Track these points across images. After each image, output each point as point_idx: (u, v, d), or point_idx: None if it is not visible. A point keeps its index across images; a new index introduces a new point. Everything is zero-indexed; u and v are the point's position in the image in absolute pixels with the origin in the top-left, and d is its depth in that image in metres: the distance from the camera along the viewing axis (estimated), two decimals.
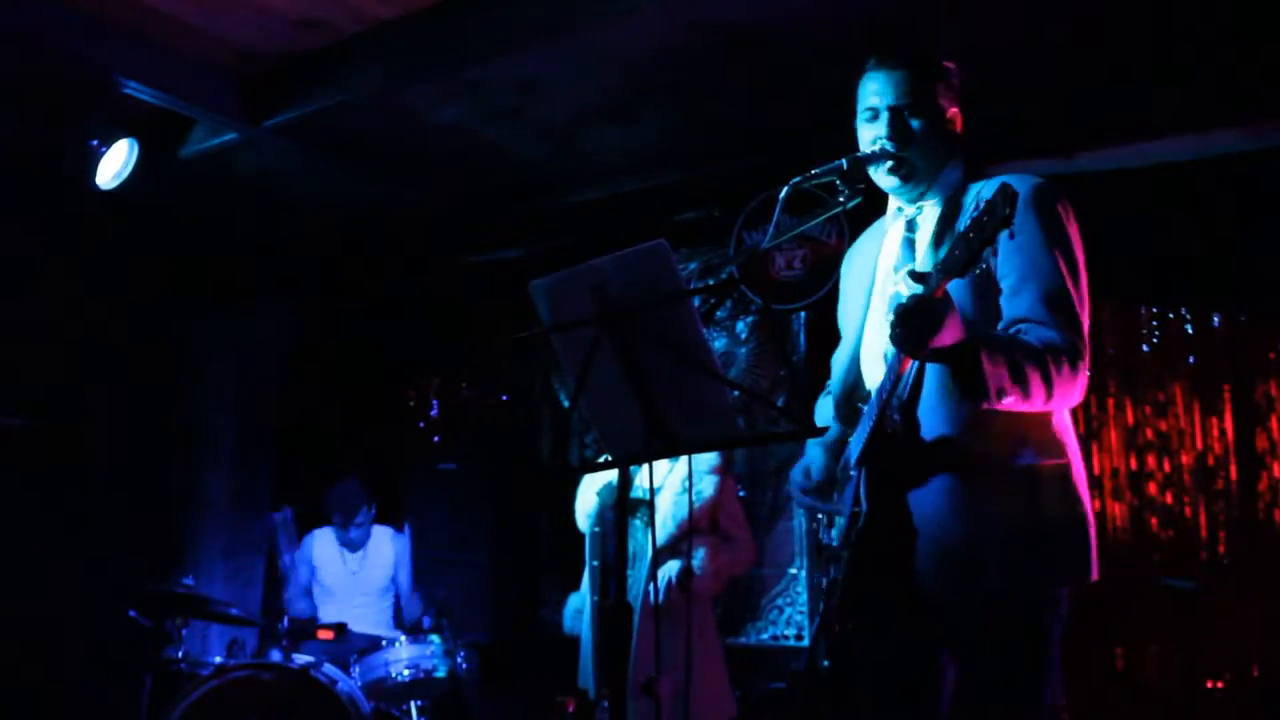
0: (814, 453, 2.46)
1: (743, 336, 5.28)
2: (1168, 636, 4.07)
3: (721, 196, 5.22)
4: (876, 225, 2.55)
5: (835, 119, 2.49)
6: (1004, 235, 1.98)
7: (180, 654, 4.29)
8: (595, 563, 3.84)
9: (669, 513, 3.72)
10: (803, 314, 5.12)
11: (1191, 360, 4.33)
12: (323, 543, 5.29)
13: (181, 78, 4.43)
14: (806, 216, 2.44)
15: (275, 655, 4.21)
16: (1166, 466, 4.32)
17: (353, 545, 5.24)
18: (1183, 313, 4.37)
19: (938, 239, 2.27)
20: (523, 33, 3.96)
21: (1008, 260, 2.16)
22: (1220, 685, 3.97)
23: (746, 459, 5.09)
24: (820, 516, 2.45)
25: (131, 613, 4.42)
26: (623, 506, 2.34)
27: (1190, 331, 4.36)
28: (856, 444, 2.27)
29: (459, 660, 4.50)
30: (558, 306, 2.22)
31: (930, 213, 2.33)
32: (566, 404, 5.84)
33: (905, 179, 2.33)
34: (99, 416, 5.77)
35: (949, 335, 1.97)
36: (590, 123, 4.79)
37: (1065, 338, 2.09)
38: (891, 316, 2.00)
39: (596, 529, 3.83)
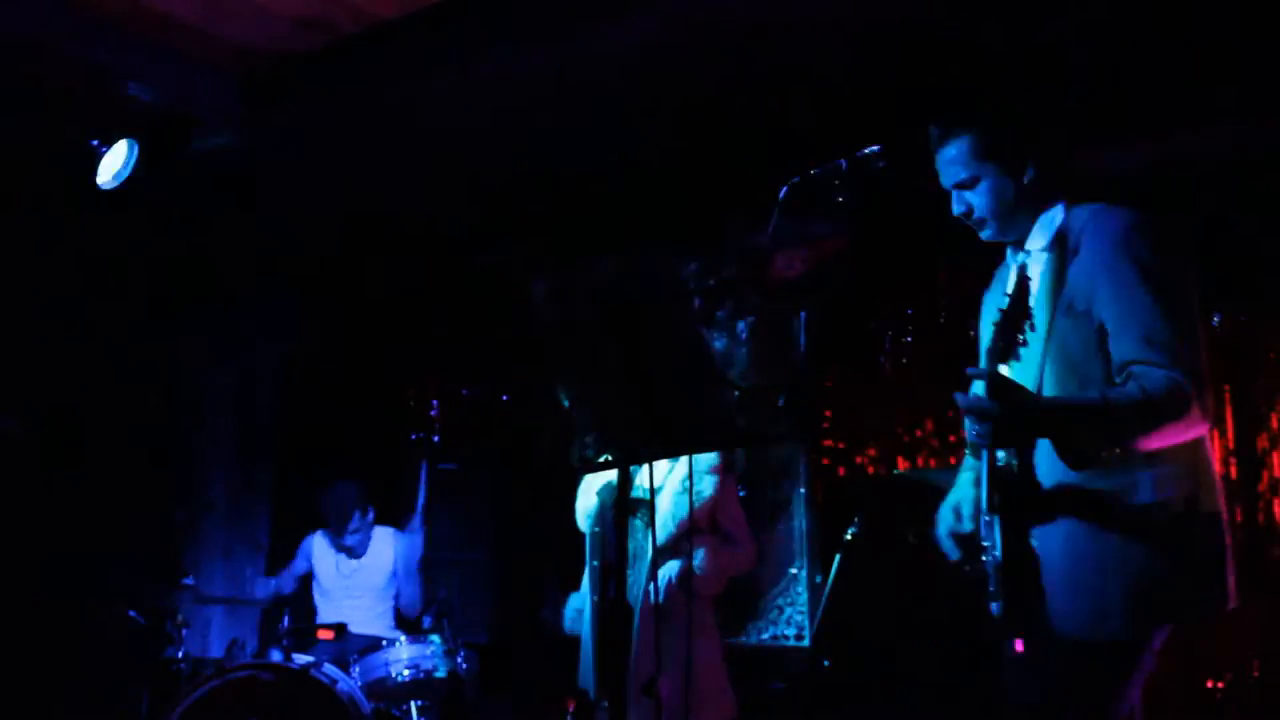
0: (965, 486, 2.45)
1: (743, 336, 5.28)
2: (1168, 636, 4.07)
3: (721, 196, 5.22)
4: (1006, 262, 2.56)
5: (835, 119, 2.49)
6: (1097, 279, 2.11)
7: (180, 654, 4.30)
8: (595, 563, 3.84)
9: (669, 513, 3.72)
10: (803, 314, 5.12)
11: None
12: (320, 546, 5.28)
13: (181, 78, 4.43)
14: (806, 216, 2.44)
15: (275, 655, 4.21)
16: None
17: (350, 553, 5.20)
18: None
19: (1044, 287, 2.27)
20: (523, 32, 3.96)
21: (1106, 306, 2.16)
22: (1220, 685, 3.96)
23: (746, 459, 5.09)
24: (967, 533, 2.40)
25: (131, 613, 4.43)
26: (623, 506, 2.34)
27: None
28: (983, 490, 2.25)
29: (459, 660, 4.50)
30: (559, 306, 2.22)
31: (1036, 258, 2.33)
32: (566, 404, 5.84)
33: (993, 236, 2.38)
34: (99, 416, 5.77)
35: (1028, 426, 2.07)
36: (590, 122, 4.79)
37: (1171, 378, 2.07)
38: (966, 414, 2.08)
39: (596, 529, 3.82)
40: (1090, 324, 2.17)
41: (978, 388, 2.10)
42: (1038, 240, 2.33)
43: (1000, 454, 2.21)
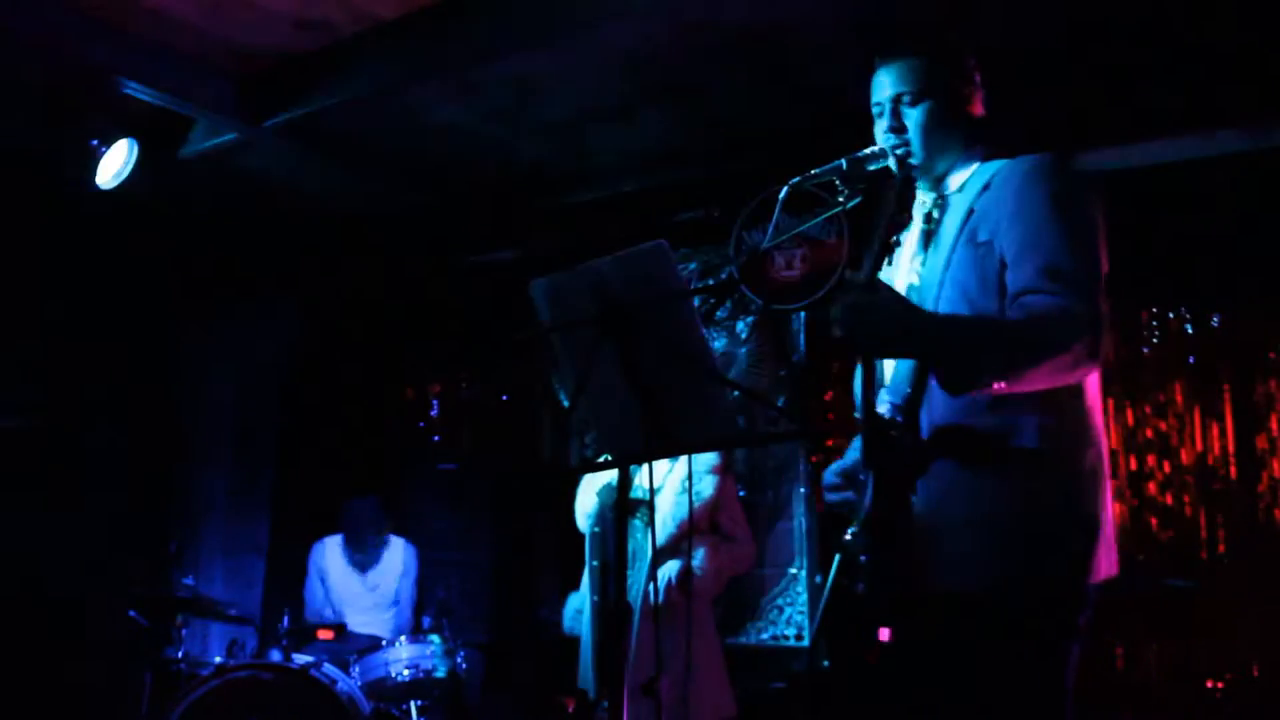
0: (851, 454, 2.34)
1: (743, 336, 5.27)
2: (1168, 636, 4.07)
3: (721, 196, 5.22)
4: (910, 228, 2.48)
5: (835, 119, 2.49)
6: (1004, 208, 2.01)
7: (180, 654, 4.30)
8: (595, 563, 3.84)
9: (669, 513, 3.72)
10: (803, 314, 5.12)
11: (1191, 360, 4.33)
12: (332, 552, 5.27)
13: (181, 78, 4.43)
14: (806, 216, 2.44)
15: (275, 655, 4.21)
16: (1166, 467, 4.31)
17: (361, 565, 5.22)
18: (1183, 313, 4.37)
19: (945, 226, 2.20)
20: (523, 33, 3.96)
21: (1009, 233, 2.06)
22: (1220, 685, 3.96)
23: (746, 459, 5.09)
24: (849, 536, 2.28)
25: (131, 613, 4.43)
26: (623, 506, 2.34)
27: (1190, 331, 4.35)
28: (859, 444, 2.15)
29: (459, 660, 4.50)
30: (558, 306, 2.22)
31: (947, 204, 2.25)
32: (566, 404, 5.84)
33: (912, 169, 2.25)
34: (99, 416, 5.77)
35: (898, 328, 1.92)
36: (590, 123, 4.79)
37: (1066, 307, 1.94)
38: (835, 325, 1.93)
39: (596, 529, 3.82)
40: (991, 255, 2.08)
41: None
42: (951, 186, 2.26)
43: (884, 403, 2.11)
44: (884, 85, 2.28)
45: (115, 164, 4.67)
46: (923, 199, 2.35)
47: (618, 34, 3.96)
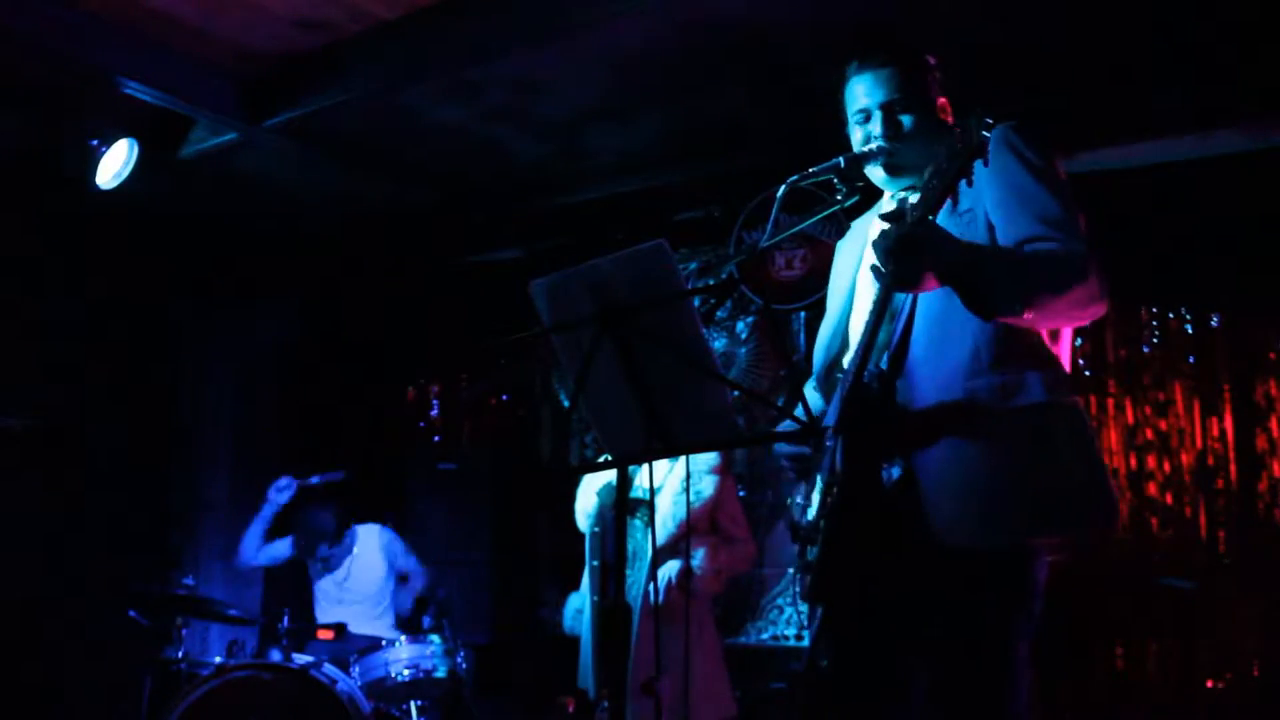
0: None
1: (743, 336, 5.28)
2: (1168, 636, 4.07)
3: (721, 196, 5.22)
4: (868, 215, 2.53)
5: (835, 119, 2.49)
6: (988, 179, 2.07)
7: (180, 654, 4.29)
8: (595, 563, 3.84)
9: (669, 513, 3.72)
10: (803, 314, 5.12)
11: (1191, 360, 4.33)
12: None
13: (181, 78, 4.43)
14: (805, 215, 2.44)
15: (275, 655, 4.21)
16: (1166, 467, 4.31)
17: (327, 566, 5.14)
18: (1183, 313, 4.37)
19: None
20: (523, 33, 3.96)
21: (993, 197, 2.14)
22: (1220, 685, 3.96)
23: (746, 459, 5.09)
24: (798, 499, 2.30)
25: (131, 613, 4.43)
26: (622, 506, 2.34)
27: (1190, 331, 4.35)
28: (833, 410, 2.20)
29: (459, 660, 4.50)
30: (558, 306, 2.22)
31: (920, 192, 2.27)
32: (566, 404, 5.84)
33: (898, 173, 2.33)
34: (99, 416, 5.77)
35: (945, 258, 1.97)
36: (590, 123, 4.79)
37: (1071, 247, 2.04)
38: (876, 257, 1.99)
39: (596, 529, 3.82)
40: (975, 221, 2.15)
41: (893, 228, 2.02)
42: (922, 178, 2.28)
43: (869, 368, 2.15)
44: (871, 92, 2.33)
45: (115, 164, 4.67)
46: (892, 198, 2.41)
47: (617, 34, 3.96)
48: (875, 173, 2.35)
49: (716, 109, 4.62)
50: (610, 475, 3.81)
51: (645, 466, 2.27)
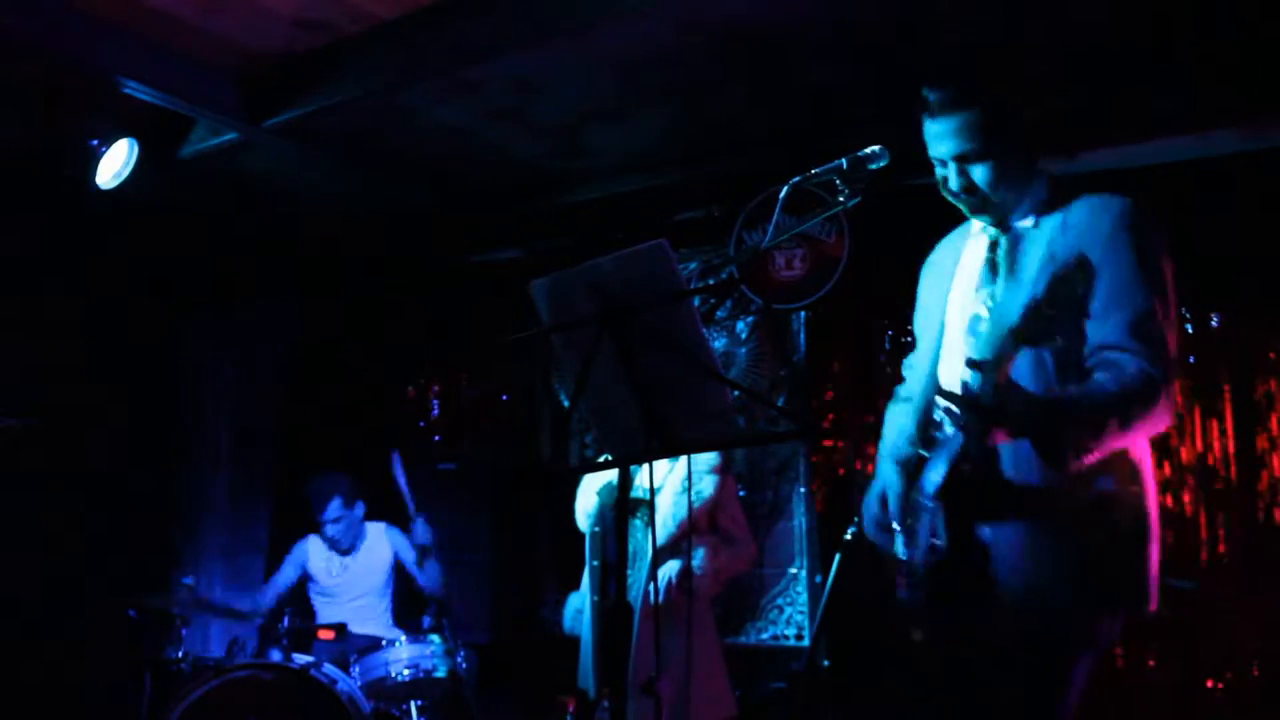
0: (889, 475, 2.42)
1: (743, 336, 5.27)
2: (1168, 636, 4.07)
3: (721, 196, 5.22)
4: (957, 234, 2.54)
5: (835, 119, 2.49)
6: (1094, 252, 2.08)
7: (180, 654, 4.29)
8: (595, 563, 3.84)
9: (669, 513, 3.72)
10: (803, 314, 5.12)
11: (1191, 360, 4.33)
12: (315, 547, 5.27)
13: (181, 78, 4.43)
14: (806, 216, 2.44)
15: (275, 655, 4.21)
16: (1167, 467, 4.31)
17: (340, 548, 5.17)
18: (1183, 313, 4.37)
19: (1021, 265, 2.27)
20: (522, 33, 3.96)
21: (1095, 283, 2.13)
22: (1220, 685, 3.96)
23: (746, 459, 5.09)
24: (895, 528, 2.41)
25: (131, 613, 4.43)
26: (623, 506, 2.34)
27: (1190, 331, 4.35)
28: (934, 476, 2.24)
29: (459, 660, 4.50)
30: (558, 306, 2.22)
31: (1015, 234, 2.32)
32: (566, 404, 5.84)
33: (978, 214, 2.36)
34: (99, 416, 5.77)
35: (1018, 422, 2.05)
36: (590, 123, 4.79)
37: (1147, 370, 2.10)
38: (953, 405, 2.07)
39: (596, 529, 3.82)
40: (1074, 301, 2.12)
41: (971, 378, 2.05)
42: (1017, 218, 2.33)
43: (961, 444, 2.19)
44: (945, 141, 2.30)
45: (115, 164, 4.67)
46: (984, 229, 2.41)
47: (618, 34, 3.95)
48: (967, 208, 2.38)
49: (716, 109, 4.62)
50: (610, 475, 3.81)
51: (645, 466, 2.26)
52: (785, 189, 2.34)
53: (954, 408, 2.07)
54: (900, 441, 2.46)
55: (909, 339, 4.96)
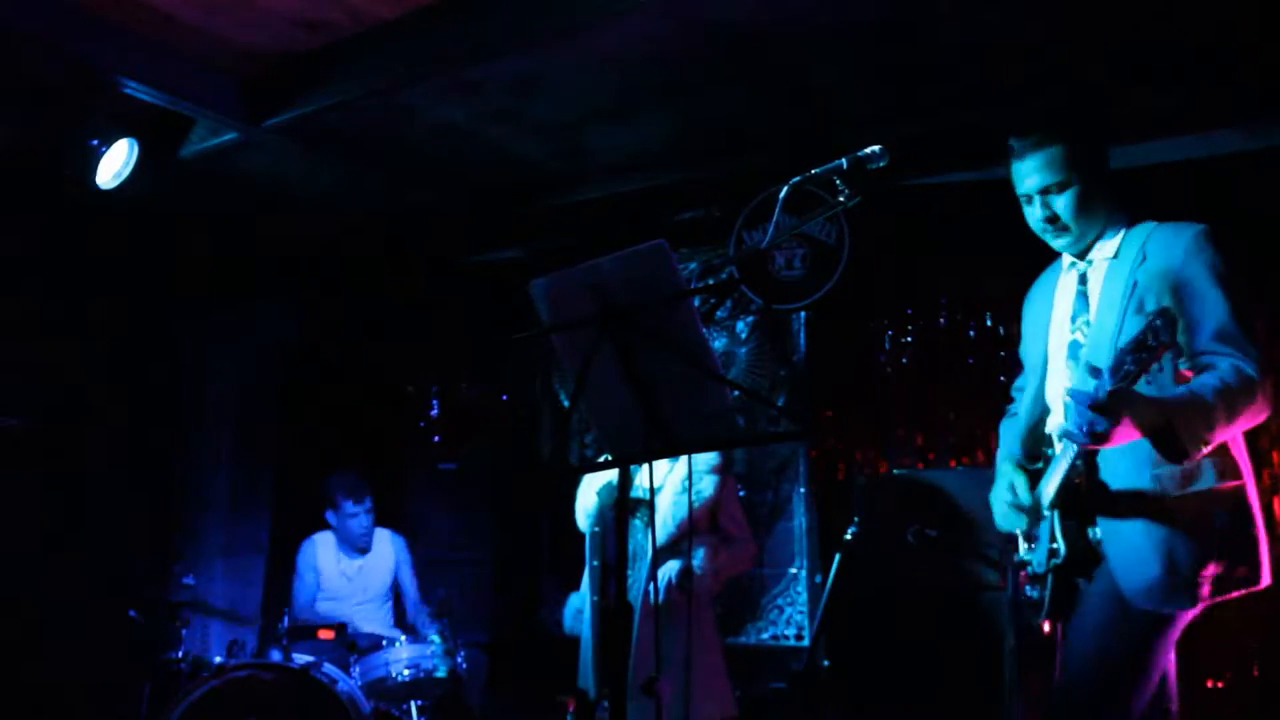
0: (1012, 474, 2.70)
1: (743, 336, 5.27)
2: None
3: (721, 196, 5.22)
4: (1050, 271, 2.83)
5: (835, 119, 2.50)
6: (1171, 278, 2.44)
7: (180, 654, 4.29)
8: (595, 563, 3.84)
9: (669, 513, 3.72)
10: (803, 314, 5.12)
11: None
12: (324, 548, 5.28)
13: (181, 78, 4.43)
14: (806, 216, 2.44)
15: (275, 655, 4.21)
16: None
17: (359, 546, 5.21)
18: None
19: (1109, 294, 2.54)
20: (523, 33, 3.96)
21: (1179, 304, 2.43)
22: (1220, 685, 3.96)
23: (746, 459, 5.09)
24: (1018, 533, 2.73)
25: (131, 613, 4.43)
26: (623, 506, 2.34)
27: None
28: (1048, 487, 2.56)
29: (459, 660, 4.51)
30: (558, 306, 2.22)
31: (1100, 266, 2.61)
32: (566, 404, 5.84)
33: (1066, 245, 2.63)
34: (99, 416, 5.76)
35: (1134, 426, 2.26)
36: (590, 123, 4.79)
37: (1242, 367, 2.37)
38: (1072, 408, 2.29)
39: (596, 529, 3.82)
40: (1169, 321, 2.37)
41: (1087, 383, 2.27)
42: (1099, 252, 2.61)
43: (1072, 458, 2.46)
44: (1029, 176, 2.58)
45: (115, 164, 4.67)
46: (1071, 261, 2.69)
47: (617, 34, 3.95)
48: (1054, 242, 2.65)
49: (717, 109, 4.62)
50: (610, 475, 3.82)
51: (645, 466, 2.27)
52: (785, 189, 2.35)
53: (1077, 406, 2.26)
54: (1015, 451, 2.81)
55: (908, 339, 4.99)
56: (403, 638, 4.54)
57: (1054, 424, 2.68)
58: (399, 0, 4.03)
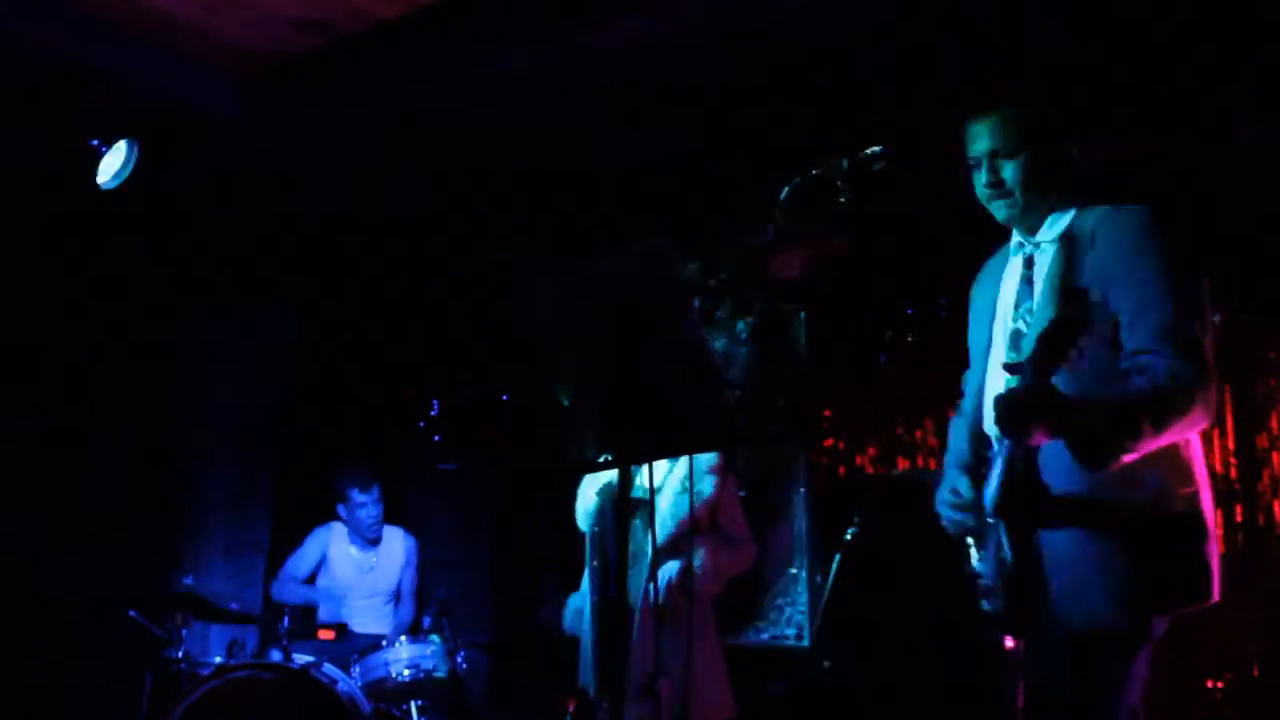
0: (955, 476, 2.50)
1: (743, 336, 5.27)
2: (1168, 636, 4.07)
3: (722, 196, 5.21)
4: (999, 255, 2.61)
5: (835, 119, 2.50)
6: (1115, 269, 2.20)
7: (180, 654, 4.29)
8: (595, 563, 3.84)
9: (669, 513, 3.72)
10: (803, 314, 5.12)
11: None
12: (338, 536, 5.28)
13: (181, 78, 4.43)
14: (807, 216, 2.44)
15: (275, 655, 4.21)
16: None
17: (369, 537, 5.20)
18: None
19: (1053, 280, 2.33)
20: (524, 32, 3.96)
21: (1123, 295, 2.21)
22: (1220, 685, 3.96)
23: (746, 459, 5.09)
24: (970, 542, 2.49)
25: (131, 613, 4.43)
26: (623, 506, 2.34)
27: None
28: (990, 490, 2.30)
29: (459, 660, 4.50)
30: (558, 306, 2.22)
31: (1047, 250, 2.39)
32: (566, 404, 5.83)
33: (1012, 222, 2.42)
34: (99, 416, 5.76)
35: (1053, 426, 2.09)
36: (592, 123, 4.78)
37: (1181, 371, 2.13)
38: (995, 406, 2.13)
39: (596, 529, 3.82)
40: (1105, 313, 2.20)
41: (1010, 381, 2.15)
42: (1049, 233, 2.39)
43: (1009, 458, 2.25)
44: (979, 140, 2.39)
45: (115, 164, 4.67)
46: (1019, 242, 2.47)
47: (619, 34, 3.95)
48: (998, 212, 2.43)
49: (718, 110, 4.62)
50: (610, 475, 3.81)
51: (645, 466, 2.27)
52: (787, 189, 2.35)
53: (1002, 397, 2.12)
54: (962, 451, 2.59)
55: (908, 339, 4.99)
56: (403, 638, 4.54)
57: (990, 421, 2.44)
58: (399, 0, 4.03)
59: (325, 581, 5.26)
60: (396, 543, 5.33)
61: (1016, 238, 2.49)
